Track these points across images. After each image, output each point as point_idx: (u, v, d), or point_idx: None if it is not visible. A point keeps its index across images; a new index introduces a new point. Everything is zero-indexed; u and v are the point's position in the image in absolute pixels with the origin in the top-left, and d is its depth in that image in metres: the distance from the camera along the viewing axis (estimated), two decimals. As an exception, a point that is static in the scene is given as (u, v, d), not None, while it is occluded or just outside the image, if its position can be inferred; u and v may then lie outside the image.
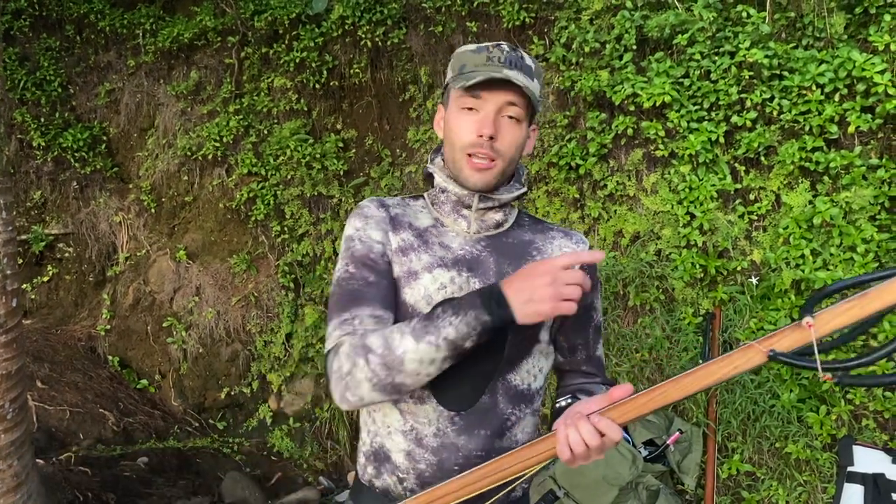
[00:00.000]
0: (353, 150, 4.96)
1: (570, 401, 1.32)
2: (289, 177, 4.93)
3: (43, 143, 5.54)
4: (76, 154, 5.53)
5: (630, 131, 3.73)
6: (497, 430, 1.31)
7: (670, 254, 3.58)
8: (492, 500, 1.26)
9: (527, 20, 4.27)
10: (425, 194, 1.45)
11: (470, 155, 1.29)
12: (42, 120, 5.64)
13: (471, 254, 1.35)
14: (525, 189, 1.40)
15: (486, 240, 1.37)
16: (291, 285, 4.90)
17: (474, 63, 1.29)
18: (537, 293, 1.09)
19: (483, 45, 1.31)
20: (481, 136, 1.27)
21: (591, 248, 1.42)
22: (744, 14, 3.51)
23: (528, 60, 1.31)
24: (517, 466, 1.14)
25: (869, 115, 3.20)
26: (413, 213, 1.41)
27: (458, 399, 1.29)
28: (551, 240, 1.41)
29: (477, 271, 1.33)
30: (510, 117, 1.29)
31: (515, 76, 1.26)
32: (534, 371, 1.36)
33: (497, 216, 1.37)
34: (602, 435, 1.08)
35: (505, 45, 1.30)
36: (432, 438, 1.30)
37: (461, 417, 1.29)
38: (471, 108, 1.29)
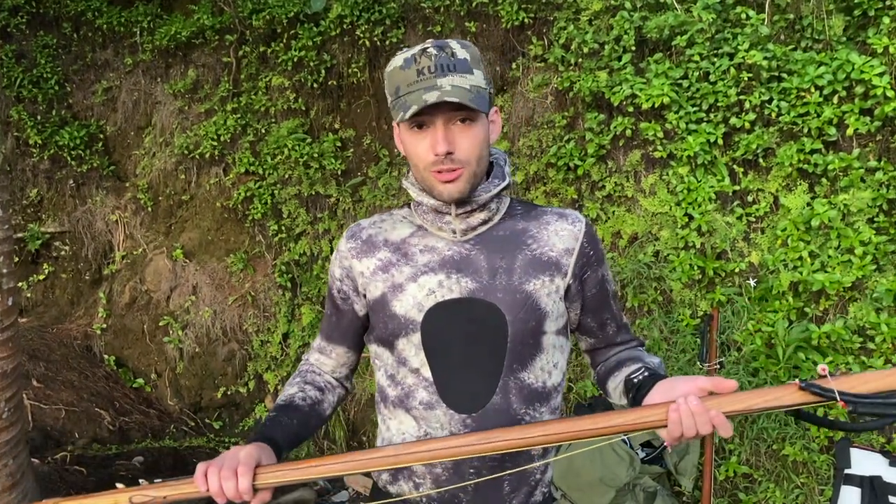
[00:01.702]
0: (351, 150, 4.95)
1: (645, 373, 1.28)
2: (286, 176, 4.92)
3: (39, 141, 5.52)
4: (73, 152, 5.51)
5: (629, 132, 3.72)
6: None
7: (668, 255, 3.58)
8: (594, 445, 1.29)
9: (526, 20, 4.27)
10: (411, 203, 1.42)
11: (436, 171, 1.26)
12: (39, 118, 5.62)
13: (459, 254, 1.32)
14: (507, 182, 1.35)
15: (474, 238, 1.33)
16: (288, 285, 4.89)
17: (406, 83, 1.23)
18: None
19: (410, 55, 1.24)
20: (437, 155, 1.23)
21: (588, 223, 1.38)
22: (743, 16, 3.51)
23: (461, 52, 1.25)
24: (620, 427, 1.11)
25: (867, 118, 3.20)
26: (390, 227, 1.39)
27: (466, 401, 1.28)
28: (546, 225, 1.36)
29: (467, 270, 1.30)
30: (461, 121, 1.24)
31: (449, 86, 1.20)
32: (548, 367, 1.33)
33: (481, 215, 1.33)
34: (713, 427, 1.08)
35: (432, 49, 1.23)
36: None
37: (473, 420, 1.27)
38: (420, 127, 1.25)
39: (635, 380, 1.28)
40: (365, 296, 1.38)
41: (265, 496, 1.15)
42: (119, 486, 1.26)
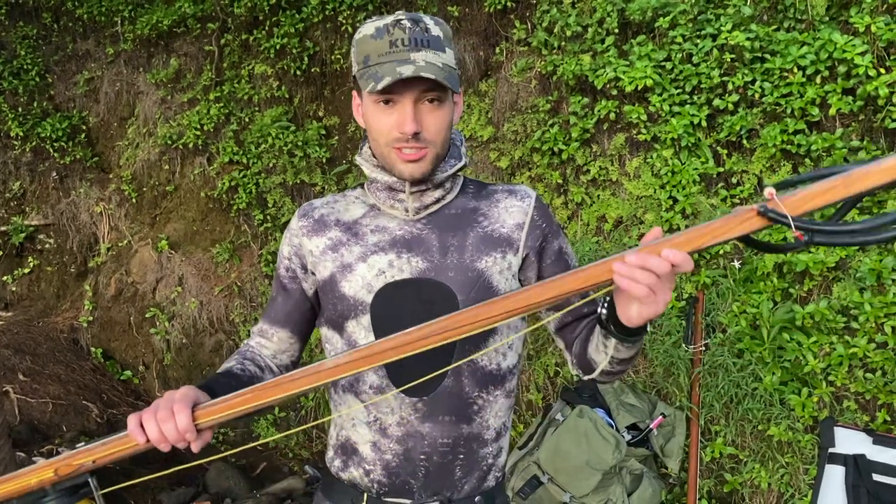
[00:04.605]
0: (336, 138, 4.92)
1: (606, 308, 1.15)
2: (271, 165, 4.89)
3: (21, 133, 5.47)
4: (55, 144, 5.46)
5: (612, 116, 3.71)
6: (463, 415, 1.27)
7: (653, 238, 3.57)
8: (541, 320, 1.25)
9: (508, 4, 4.24)
10: (364, 183, 1.39)
11: (398, 147, 1.22)
12: (20, 109, 5.56)
13: (410, 233, 1.29)
14: (463, 162, 1.33)
15: (426, 217, 1.31)
16: (275, 274, 4.86)
17: (377, 53, 1.19)
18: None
19: (383, 25, 1.20)
20: (404, 133, 1.19)
21: (538, 197, 1.36)
22: (725, -4, 3.49)
23: (435, 29, 1.22)
24: (568, 289, 1.01)
25: (850, 98, 3.19)
26: (343, 208, 1.36)
27: (417, 385, 1.22)
28: (496, 203, 1.34)
29: (418, 250, 1.28)
30: (430, 101, 1.21)
31: (423, 61, 1.16)
32: (502, 349, 1.30)
33: (435, 193, 1.30)
34: (671, 265, 0.95)
35: (406, 21, 1.19)
36: (396, 427, 1.26)
37: (424, 404, 1.25)
38: (387, 102, 1.21)
39: (603, 315, 1.17)
40: (314, 274, 1.34)
41: (207, 436, 1.07)
42: (38, 460, 1.19)
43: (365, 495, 1.30)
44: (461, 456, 1.28)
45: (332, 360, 1.05)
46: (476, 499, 1.32)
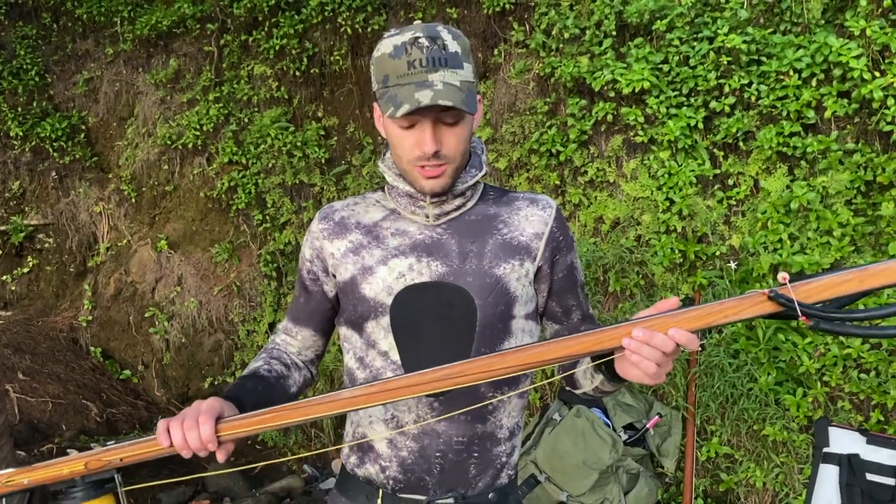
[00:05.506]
0: (335, 138, 4.94)
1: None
2: (270, 165, 4.91)
3: (21, 133, 5.49)
4: (55, 144, 5.48)
5: (610, 117, 3.73)
6: (478, 414, 1.30)
7: (650, 239, 3.60)
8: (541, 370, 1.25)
9: (507, 6, 4.26)
10: (385, 186, 1.41)
11: (420, 165, 1.25)
12: (19, 109, 5.58)
13: (430, 238, 1.32)
14: (484, 171, 1.35)
15: (446, 222, 1.34)
16: (274, 274, 4.88)
17: (396, 74, 1.20)
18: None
19: (400, 43, 1.20)
20: (425, 153, 1.22)
21: (558, 208, 1.39)
22: (722, -1, 3.52)
23: (452, 45, 1.22)
24: (580, 349, 1.05)
25: (845, 100, 3.22)
26: (363, 210, 1.39)
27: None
28: (517, 210, 1.37)
29: (437, 255, 1.30)
30: (449, 122, 1.23)
31: (441, 83, 1.18)
32: None
33: (455, 202, 1.33)
34: (675, 344, 1.01)
35: (423, 39, 1.19)
36: (412, 425, 1.29)
37: (440, 403, 1.27)
38: (407, 124, 1.23)
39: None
40: (335, 276, 1.37)
41: (229, 448, 1.13)
42: (71, 452, 1.24)
43: (380, 491, 1.33)
44: (475, 454, 1.31)
45: (348, 392, 1.11)
46: (490, 495, 1.34)
